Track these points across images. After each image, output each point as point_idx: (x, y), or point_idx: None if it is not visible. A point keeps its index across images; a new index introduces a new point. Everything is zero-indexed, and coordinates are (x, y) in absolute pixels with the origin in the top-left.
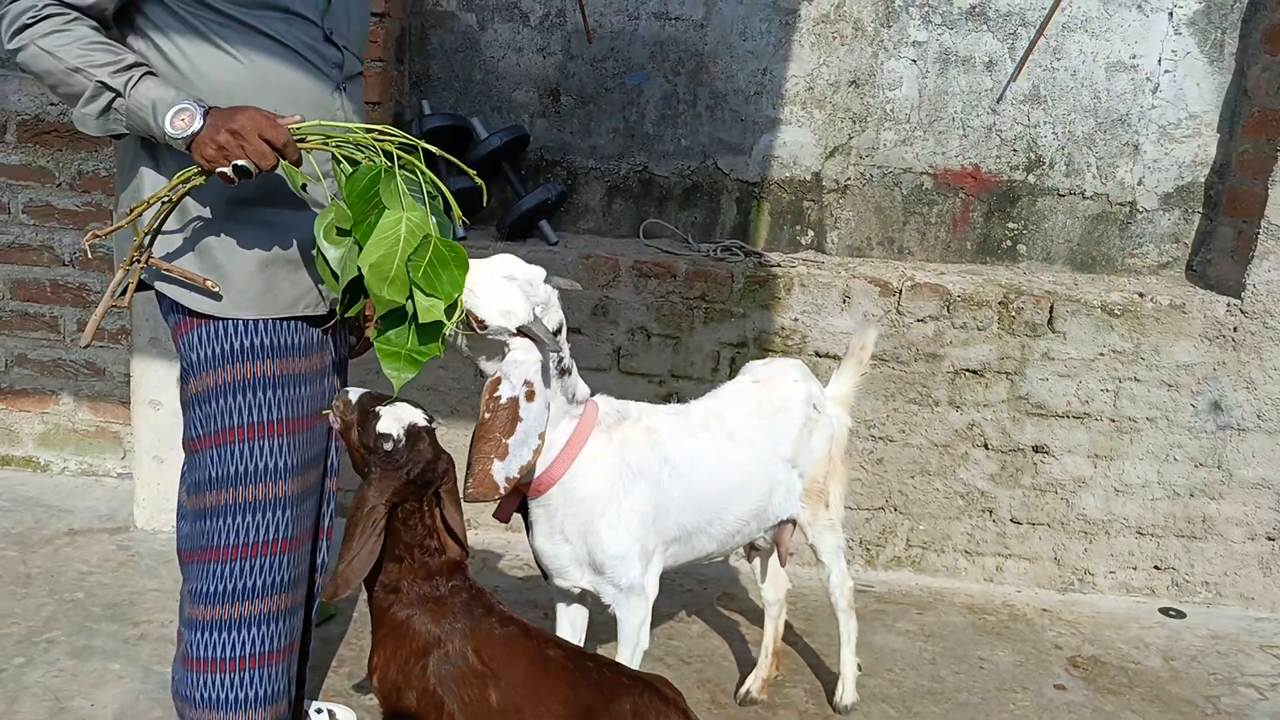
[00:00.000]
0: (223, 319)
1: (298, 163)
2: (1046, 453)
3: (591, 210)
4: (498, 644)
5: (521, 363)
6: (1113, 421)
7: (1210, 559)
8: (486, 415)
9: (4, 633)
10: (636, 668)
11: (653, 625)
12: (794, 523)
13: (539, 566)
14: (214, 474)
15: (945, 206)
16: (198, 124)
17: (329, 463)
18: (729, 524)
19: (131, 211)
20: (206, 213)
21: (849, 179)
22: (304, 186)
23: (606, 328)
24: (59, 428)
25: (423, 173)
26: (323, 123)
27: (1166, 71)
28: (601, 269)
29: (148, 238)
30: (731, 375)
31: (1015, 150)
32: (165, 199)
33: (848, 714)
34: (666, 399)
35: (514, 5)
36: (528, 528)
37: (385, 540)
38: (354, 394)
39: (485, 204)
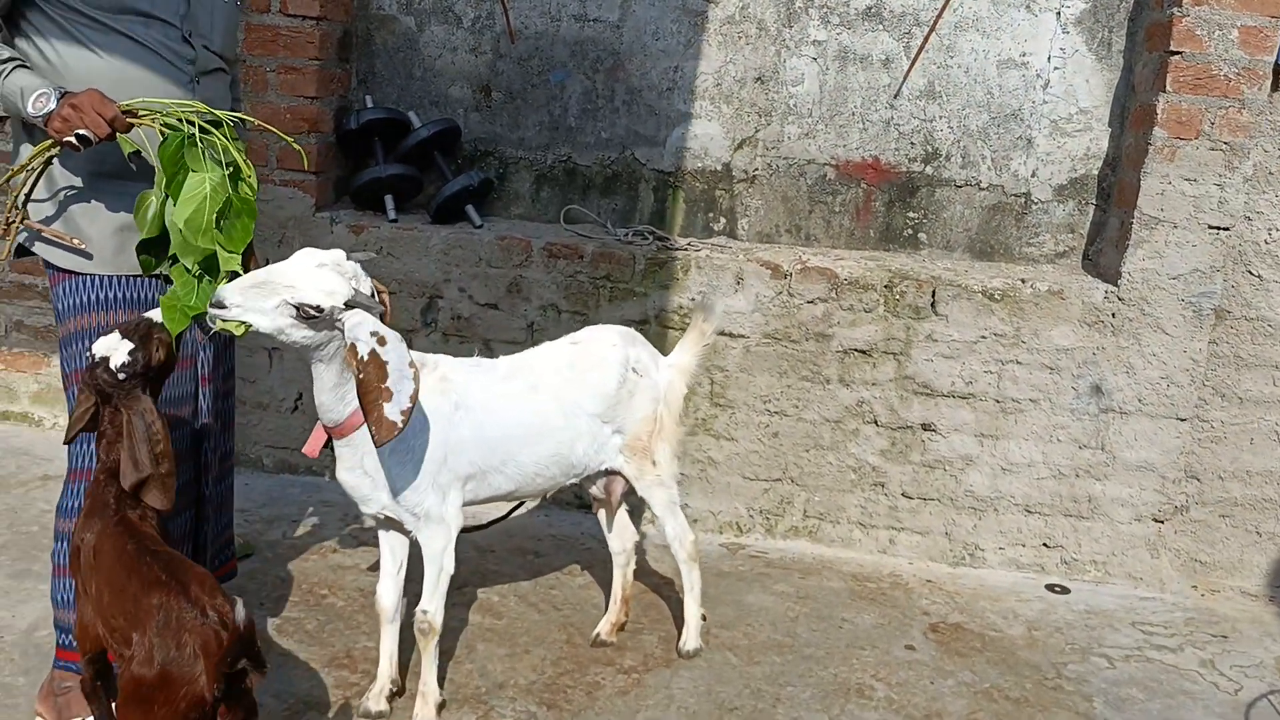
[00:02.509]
0: (83, 274)
1: (127, 132)
2: (934, 431)
3: (522, 197)
4: (105, 542)
5: (361, 323)
6: (997, 402)
7: (1097, 538)
8: (360, 375)
9: None
10: (441, 590)
11: (542, 576)
12: (621, 475)
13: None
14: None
15: (848, 196)
16: (52, 104)
17: (200, 404)
18: (525, 466)
19: (9, 176)
20: (73, 183)
21: (757, 169)
22: (137, 154)
23: (520, 304)
24: (50, 387)
25: (221, 142)
26: (146, 100)
27: (1056, 68)
28: (515, 249)
29: (20, 201)
30: None
31: (913, 143)
32: (30, 168)
33: (690, 659)
34: None
35: (449, 8)
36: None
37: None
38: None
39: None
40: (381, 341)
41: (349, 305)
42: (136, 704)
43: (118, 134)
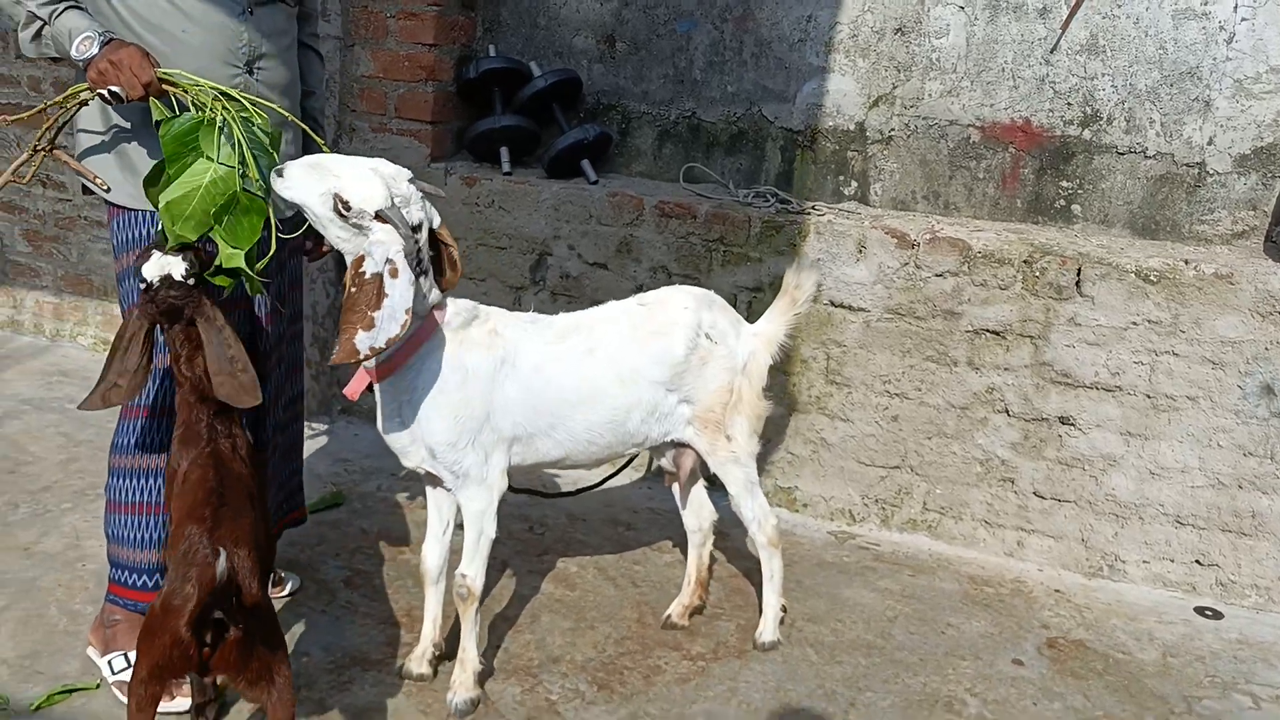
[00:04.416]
0: (136, 210)
1: (160, 98)
2: (1073, 425)
3: (643, 154)
4: (194, 471)
5: (383, 243)
6: (1148, 397)
7: (1261, 559)
8: (353, 290)
9: (69, 484)
10: (482, 554)
11: (628, 548)
12: (692, 449)
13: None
14: None
15: (994, 161)
16: (94, 50)
17: (258, 347)
18: (575, 432)
19: (44, 107)
20: (126, 121)
21: (893, 130)
22: (158, 122)
23: (630, 264)
24: None
25: (268, 133)
26: (184, 74)
27: (1244, 19)
28: (627, 207)
29: (51, 134)
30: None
31: (1070, 104)
32: (65, 105)
33: (765, 651)
34: None
35: None
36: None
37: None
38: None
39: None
40: (394, 273)
41: (380, 217)
42: (144, 634)
43: (151, 98)
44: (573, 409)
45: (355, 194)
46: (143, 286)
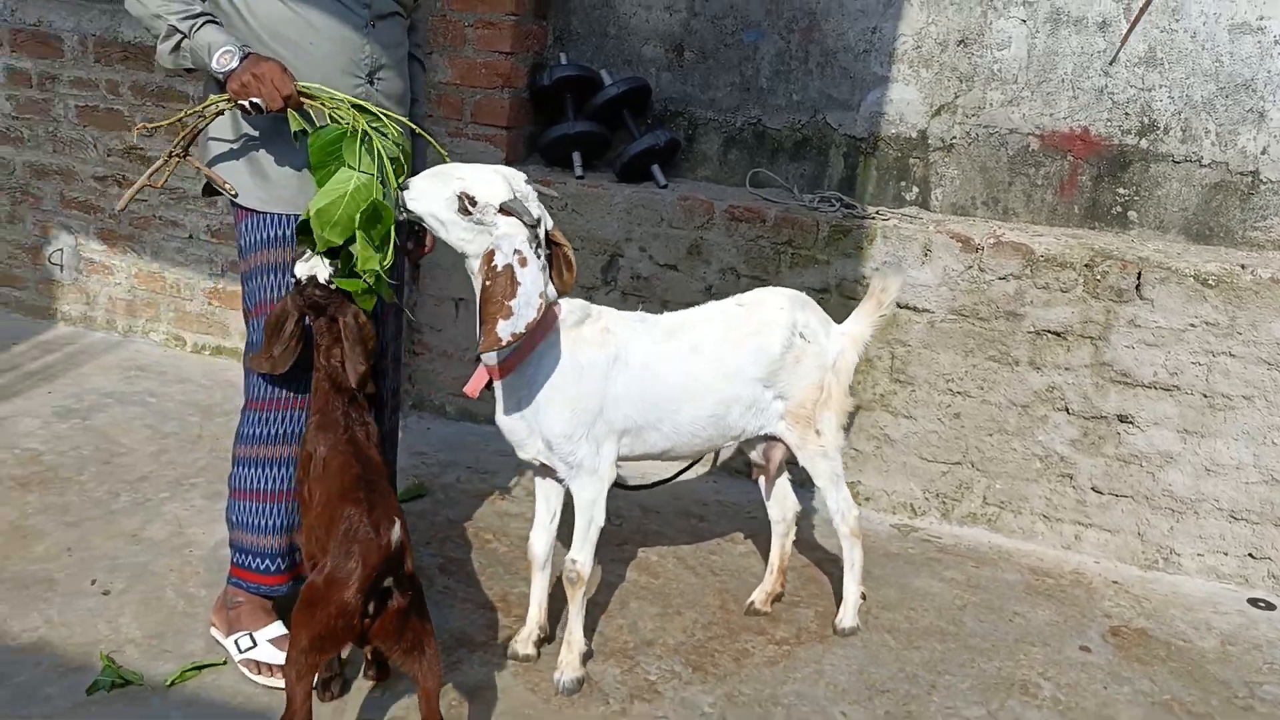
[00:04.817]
0: (266, 213)
1: (298, 110)
2: (1131, 423)
3: (709, 159)
4: (335, 457)
5: (511, 235)
6: (1205, 397)
7: None
8: (487, 283)
9: (163, 474)
10: (590, 541)
11: (704, 542)
12: (782, 443)
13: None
14: (257, 339)
15: (1052, 169)
16: (234, 63)
17: (381, 341)
18: (681, 425)
19: (182, 116)
20: (255, 130)
21: (954, 138)
22: (301, 133)
23: (700, 266)
24: None
25: (398, 144)
26: (324, 88)
27: None
28: (698, 211)
29: (185, 140)
30: None
31: (1128, 114)
32: (202, 113)
33: (845, 637)
34: None
35: None
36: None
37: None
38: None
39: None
40: (523, 262)
41: (504, 210)
42: (304, 606)
43: (289, 110)
44: (679, 403)
45: (481, 191)
46: (294, 282)
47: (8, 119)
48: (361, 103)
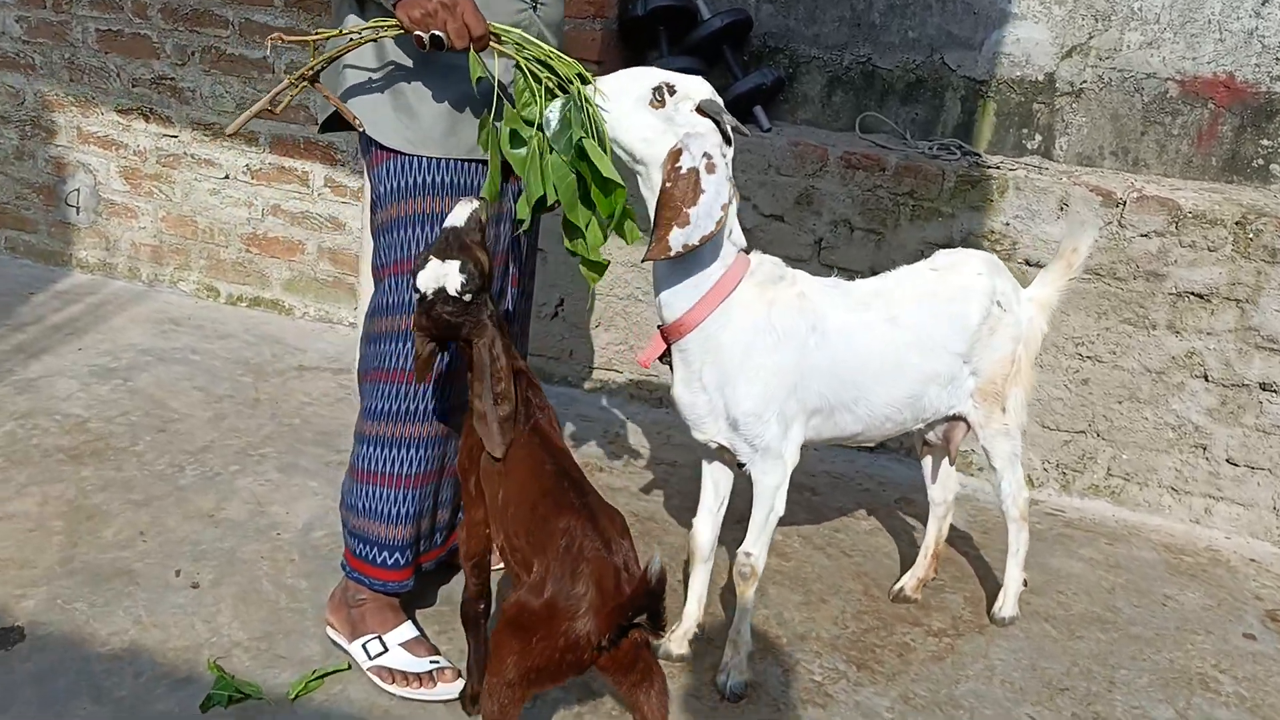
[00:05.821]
0: (411, 155)
1: (482, 52)
2: (1275, 391)
3: (810, 100)
4: (520, 450)
5: (702, 135)
6: None
7: None
8: (668, 184)
9: (227, 444)
10: (768, 532)
11: (824, 518)
12: (965, 422)
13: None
14: (391, 300)
15: (1190, 118)
16: None
17: (506, 306)
18: (876, 406)
19: (317, 34)
20: (404, 58)
21: (1085, 82)
22: (479, 80)
23: (809, 217)
24: (303, 275)
25: (587, 101)
26: (522, 32)
27: None
28: (809, 157)
29: (317, 66)
30: None
31: (1279, 59)
32: (351, 37)
33: (1004, 626)
34: None
35: None
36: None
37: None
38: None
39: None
40: (710, 168)
41: (700, 110)
42: (514, 631)
43: (472, 50)
44: (875, 381)
45: (682, 83)
46: (417, 298)
47: (17, 43)
48: (549, 50)
